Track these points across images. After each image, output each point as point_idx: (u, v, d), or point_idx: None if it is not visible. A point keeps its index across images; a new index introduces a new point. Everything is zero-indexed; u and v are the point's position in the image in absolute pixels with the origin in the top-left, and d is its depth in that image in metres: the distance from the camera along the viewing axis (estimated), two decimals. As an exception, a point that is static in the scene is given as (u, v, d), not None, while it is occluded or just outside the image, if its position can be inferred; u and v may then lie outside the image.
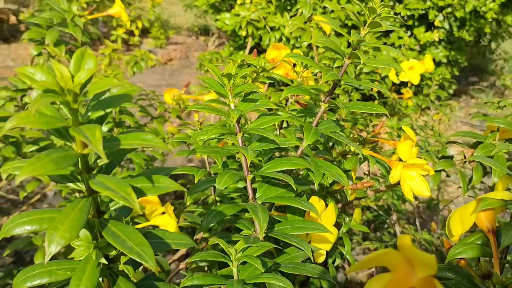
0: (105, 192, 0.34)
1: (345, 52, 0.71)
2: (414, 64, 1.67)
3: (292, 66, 0.96)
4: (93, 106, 0.35)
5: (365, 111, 0.70)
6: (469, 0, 2.25)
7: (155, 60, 4.26)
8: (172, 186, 0.40)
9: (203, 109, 0.62)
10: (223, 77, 0.62)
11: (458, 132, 1.08)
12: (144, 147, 0.43)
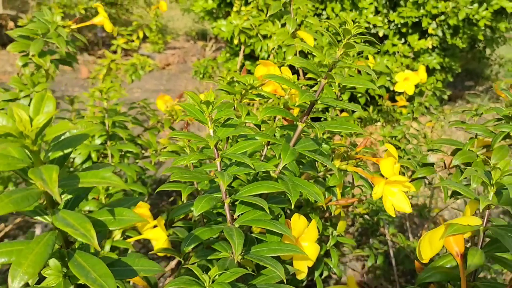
0: (66, 228, 0.35)
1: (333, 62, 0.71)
2: (409, 75, 1.68)
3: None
4: (53, 146, 0.37)
5: (341, 130, 0.71)
6: (462, 8, 2.27)
7: (153, 65, 4.28)
8: (136, 219, 0.42)
9: (183, 135, 0.63)
10: (202, 104, 0.63)
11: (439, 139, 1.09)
12: (103, 185, 0.44)
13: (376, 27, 2.37)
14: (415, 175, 1.02)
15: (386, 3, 2.40)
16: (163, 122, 1.40)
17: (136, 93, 3.71)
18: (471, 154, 0.97)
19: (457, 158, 0.95)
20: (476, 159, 0.96)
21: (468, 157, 0.96)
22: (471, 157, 0.96)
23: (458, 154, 0.96)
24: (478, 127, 0.96)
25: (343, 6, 2.29)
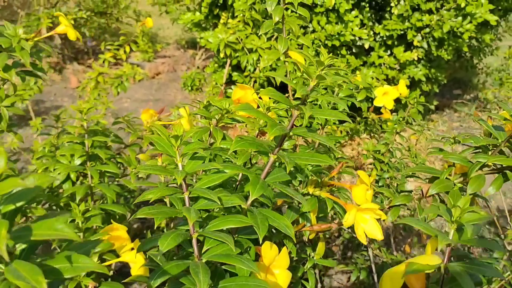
0: (17, 281, 0.36)
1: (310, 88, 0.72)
2: (388, 90, 1.69)
3: (256, 106, 0.98)
4: (5, 200, 0.37)
5: (312, 163, 0.72)
6: (446, 21, 2.29)
7: (142, 74, 4.28)
8: (92, 266, 0.42)
9: (150, 170, 0.63)
10: (171, 138, 0.64)
11: (416, 167, 1.11)
12: (56, 237, 0.44)
13: (362, 40, 2.38)
14: (392, 202, 1.03)
15: (371, 16, 2.42)
16: (143, 138, 1.41)
17: (126, 103, 3.71)
18: (448, 183, 0.97)
19: (434, 187, 0.96)
20: (453, 188, 0.97)
21: (445, 186, 0.96)
22: (448, 186, 0.97)
23: (435, 183, 0.97)
24: (456, 157, 0.97)
25: (328, 19, 2.31)
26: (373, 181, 1.94)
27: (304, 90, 0.70)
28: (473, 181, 0.92)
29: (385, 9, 2.40)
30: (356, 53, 2.52)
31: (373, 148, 1.86)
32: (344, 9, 2.22)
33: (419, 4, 2.32)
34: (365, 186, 0.85)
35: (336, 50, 2.42)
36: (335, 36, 2.29)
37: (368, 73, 2.48)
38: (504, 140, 0.94)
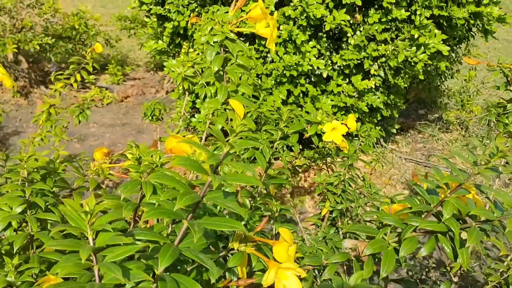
0: None
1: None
2: (337, 125, 1.73)
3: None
4: None
5: (224, 228, 0.74)
6: (401, 51, 2.35)
7: (111, 98, 4.27)
8: None
9: (59, 246, 0.65)
10: (81, 213, 0.65)
11: (354, 225, 1.14)
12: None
13: (320, 69, 2.43)
14: (329, 260, 1.05)
15: (329, 46, 2.47)
16: (89, 182, 1.41)
17: (92, 127, 3.70)
18: (383, 244, 1.00)
19: (369, 247, 0.99)
20: (387, 248, 1.00)
21: (379, 247, 1.00)
22: (383, 247, 1.00)
23: (370, 243, 1.00)
24: (391, 218, 1.00)
25: (286, 49, 2.35)
26: (327, 212, 1.97)
27: (215, 158, 0.72)
28: (406, 243, 0.96)
29: (342, 39, 2.46)
30: (315, 82, 2.56)
31: (326, 181, 1.89)
32: (300, 40, 2.26)
33: (374, 35, 2.38)
34: (286, 243, 0.87)
35: (294, 80, 2.47)
36: (293, 66, 2.33)
37: (327, 101, 2.52)
38: (436, 205, 0.97)
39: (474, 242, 0.88)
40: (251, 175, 0.76)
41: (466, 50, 3.65)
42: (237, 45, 1.13)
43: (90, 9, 6.00)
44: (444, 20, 2.44)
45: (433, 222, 0.94)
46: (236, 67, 1.18)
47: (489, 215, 0.90)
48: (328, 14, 2.28)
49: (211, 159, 0.71)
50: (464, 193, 0.96)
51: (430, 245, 0.96)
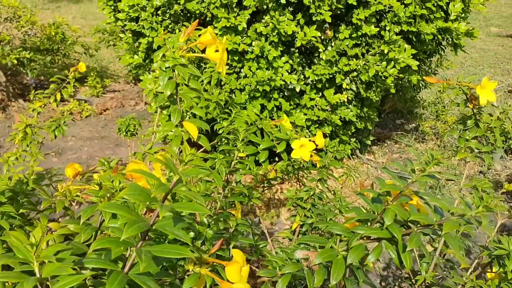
0: None
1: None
2: (305, 142, 1.76)
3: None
4: None
5: (171, 255, 0.76)
6: (372, 66, 2.40)
7: (89, 111, 4.27)
8: None
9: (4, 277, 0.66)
10: (27, 245, 0.67)
11: (305, 236, 1.16)
12: None
13: (293, 84, 2.47)
14: (282, 271, 1.08)
15: (301, 61, 2.51)
16: (56, 204, 1.42)
17: (70, 141, 3.70)
18: (332, 252, 1.04)
19: (318, 257, 1.02)
20: (337, 257, 1.03)
21: (329, 256, 1.03)
22: (332, 255, 1.03)
23: (320, 253, 1.04)
24: (338, 227, 1.04)
25: (259, 65, 2.38)
26: (297, 226, 2.00)
27: (162, 189, 0.75)
28: (353, 251, 0.99)
29: (314, 55, 2.50)
30: (288, 96, 2.60)
31: (296, 196, 1.92)
32: (272, 56, 2.30)
33: (345, 50, 2.42)
34: (238, 264, 0.89)
35: (268, 94, 2.50)
36: (266, 81, 2.37)
37: (300, 115, 2.56)
38: (380, 212, 1.01)
39: (415, 246, 0.92)
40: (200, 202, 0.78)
41: (439, 62, 3.73)
42: (189, 69, 1.17)
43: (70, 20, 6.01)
44: (413, 35, 2.50)
45: (377, 229, 0.97)
46: (189, 90, 1.21)
47: (428, 220, 0.95)
48: (299, 31, 2.33)
49: (158, 189, 0.74)
50: (407, 200, 1.00)
51: (377, 251, 0.99)
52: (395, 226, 0.95)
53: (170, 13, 2.40)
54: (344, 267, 1.00)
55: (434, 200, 0.98)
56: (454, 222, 0.95)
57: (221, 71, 1.24)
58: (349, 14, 2.38)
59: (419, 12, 2.36)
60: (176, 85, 1.26)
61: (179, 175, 0.78)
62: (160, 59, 1.24)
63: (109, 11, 2.63)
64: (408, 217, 0.97)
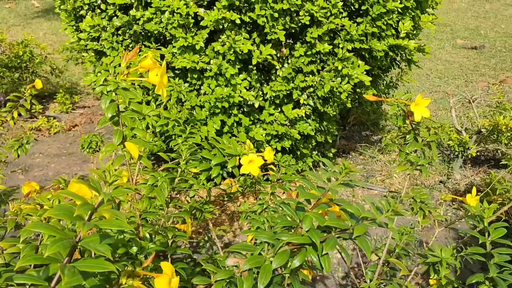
0: None
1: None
2: (253, 158, 1.83)
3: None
4: None
5: (95, 270, 0.82)
6: (327, 82, 2.49)
7: (58, 127, 4.28)
8: None
9: None
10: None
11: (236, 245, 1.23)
12: None
13: (251, 100, 2.55)
14: (215, 278, 1.15)
15: (259, 77, 2.59)
16: (7, 222, 1.46)
17: (38, 158, 3.71)
18: (260, 259, 1.10)
19: (246, 263, 1.09)
20: (264, 263, 1.10)
21: (256, 262, 1.09)
22: (260, 262, 1.10)
23: (248, 259, 1.10)
24: (265, 235, 1.11)
25: (218, 82, 2.46)
26: (252, 238, 2.07)
27: (85, 208, 0.81)
28: (278, 257, 1.06)
29: (271, 72, 2.58)
30: (248, 112, 2.68)
31: (250, 209, 1.98)
32: (230, 73, 2.37)
33: (301, 67, 2.51)
34: (167, 276, 0.95)
35: (228, 110, 2.57)
36: (224, 98, 2.44)
37: (259, 130, 2.64)
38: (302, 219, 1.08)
39: (331, 249, 0.99)
40: (122, 219, 0.84)
41: (400, 76, 3.85)
42: (130, 93, 1.23)
43: (41, 37, 6.02)
44: (366, 52, 2.60)
45: (298, 235, 1.05)
46: (131, 112, 1.27)
47: (343, 225, 1.02)
48: (255, 49, 2.41)
49: (80, 208, 0.80)
50: (326, 207, 1.08)
51: (301, 256, 1.06)
52: (313, 232, 1.02)
53: (130, 33, 2.46)
54: (271, 272, 1.07)
55: (348, 206, 1.06)
56: (364, 225, 1.03)
57: (160, 93, 1.30)
58: (303, 32, 2.48)
59: (370, 30, 2.47)
60: (118, 107, 1.32)
61: (103, 195, 0.84)
62: (102, 83, 1.30)
63: (72, 31, 2.69)
64: (323, 223, 1.05)
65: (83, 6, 2.53)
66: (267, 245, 1.13)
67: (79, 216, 0.81)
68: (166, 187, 1.40)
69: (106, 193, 0.83)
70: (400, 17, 2.57)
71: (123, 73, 1.29)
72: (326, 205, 1.09)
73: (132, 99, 1.28)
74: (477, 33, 8.60)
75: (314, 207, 1.07)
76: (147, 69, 1.32)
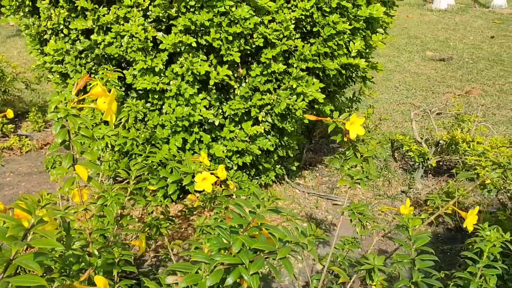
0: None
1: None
2: (207, 176, 1.94)
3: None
4: None
5: (27, 284, 0.91)
6: (283, 100, 2.61)
7: (30, 146, 4.33)
8: None
9: None
10: None
11: (175, 264, 1.33)
12: None
13: (211, 119, 2.66)
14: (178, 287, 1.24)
15: (218, 96, 2.71)
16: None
17: (8, 177, 3.77)
18: (197, 277, 1.20)
19: (183, 281, 1.19)
20: (201, 280, 1.20)
21: (193, 280, 1.19)
22: (197, 279, 1.20)
23: (185, 278, 1.20)
24: (201, 255, 1.21)
25: (178, 102, 2.56)
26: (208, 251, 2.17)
27: (17, 230, 0.91)
28: (213, 275, 1.16)
29: (230, 91, 2.70)
30: (209, 129, 2.79)
31: (204, 223, 2.08)
32: (189, 93, 2.48)
33: (258, 86, 2.64)
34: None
35: (189, 128, 2.68)
36: (185, 117, 2.54)
37: (219, 147, 2.75)
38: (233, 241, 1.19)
39: (258, 269, 1.10)
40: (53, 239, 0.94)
41: (362, 91, 4.00)
42: (80, 119, 1.33)
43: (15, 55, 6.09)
44: (320, 71, 2.74)
45: (230, 256, 1.15)
46: (81, 137, 1.37)
47: (269, 248, 1.13)
48: (212, 70, 2.53)
49: (13, 230, 0.90)
50: (256, 230, 1.18)
51: (234, 274, 1.16)
52: (243, 253, 1.13)
53: (92, 56, 2.56)
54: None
55: (274, 231, 1.17)
56: (287, 248, 1.14)
57: (108, 119, 1.41)
58: (259, 53, 2.61)
59: (322, 50, 2.61)
60: (68, 132, 1.42)
61: (36, 218, 0.94)
62: (53, 110, 1.40)
63: (37, 54, 2.78)
64: (251, 245, 1.15)
65: (47, 31, 2.63)
66: (203, 265, 1.24)
67: (12, 237, 0.91)
68: (116, 206, 1.49)
69: (37, 216, 0.93)
70: (352, 37, 2.71)
71: (73, 100, 1.40)
72: (257, 228, 1.20)
73: (82, 125, 1.38)
74: (446, 45, 8.86)
75: (245, 231, 1.17)
76: (97, 97, 1.42)
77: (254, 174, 3.15)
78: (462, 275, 1.46)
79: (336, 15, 2.55)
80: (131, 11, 2.39)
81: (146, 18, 2.45)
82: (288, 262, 1.14)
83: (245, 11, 2.37)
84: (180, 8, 2.36)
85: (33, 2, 2.62)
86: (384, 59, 7.81)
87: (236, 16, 2.36)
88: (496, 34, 9.70)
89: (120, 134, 2.29)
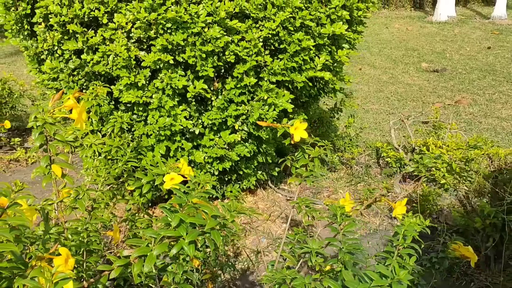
0: None
1: None
2: (174, 176, 2.21)
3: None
4: None
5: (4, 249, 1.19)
6: (256, 110, 2.89)
7: (36, 157, 4.66)
8: None
9: None
10: None
11: (129, 240, 1.60)
12: None
13: (191, 128, 2.94)
14: (114, 264, 1.51)
15: (198, 108, 2.99)
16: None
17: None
18: (147, 249, 1.46)
19: (135, 252, 1.44)
20: (150, 252, 1.46)
21: (143, 251, 1.45)
22: (146, 251, 1.45)
23: (137, 250, 1.46)
24: (151, 232, 1.47)
25: (160, 113, 2.85)
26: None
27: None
28: (159, 246, 1.42)
29: (208, 103, 2.99)
30: (191, 138, 3.07)
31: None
32: (169, 106, 2.77)
33: (233, 98, 2.92)
34: (63, 256, 1.32)
35: (172, 137, 2.96)
36: (167, 127, 2.83)
37: (199, 154, 3.03)
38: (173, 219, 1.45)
39: (192, 238, 1.36)
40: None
41: (343, 101, 4.27)
42: (56, 126, 1.62)
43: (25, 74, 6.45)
44: (289, 84, 3.01)
45: (171, 230, 1.40)
46: (56, 141, 1.66)
47: (200, 221, 1.39)
48: (190, 84, 2.82)
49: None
50: (194, 210, 1.45)
51: (178, 246, 1.41)
52: (180, 227, 1.39)
53: (83, 74, 2.87)
54: (154, 258, 1.43)
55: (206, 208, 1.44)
56: (215, 221, 1.41)
57: (79, 127, 1.70)
58: (232, 68, 2.89)
59: (290, 65, 2.89)
60: (46, 138, 1.71)
61: (9, 199, 1.22)
62: (33, 119, 1.69)
63: (36, 73, 3.10)
64: (187, 220, 1.42)
65: (44, 52, 2.95)
66: (153, 239, 1.51)
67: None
68: (87, 199, 1.77)
69: (12, 198, 1.21)
70: (318, 52, 2.99)
71: (49, 111, 1.69)
72: (193, 207, 1.46)
73: (57, 131, 1.66)
74: (442, 56, 9.07)
75: (183, 210, 1.44)
76: (70, 108, 1.72)
77: (236, 179, 3.42)
78: (383, 254, 1.71)
79: (301, 33, 2.83)
80: (116, 33, 2.70)
81: (130, 39, 2.76)
82: (216, 233, 1.40)
83: (217, 32, 2.67)
84: (158, 30, 2.66)
85: (31, 26, 2.95)
86: (380, 71, 8.07)
87: (208, 36, 2.66)
88: (493, 44, 9.89)
89: (106, 142, 2.58)
